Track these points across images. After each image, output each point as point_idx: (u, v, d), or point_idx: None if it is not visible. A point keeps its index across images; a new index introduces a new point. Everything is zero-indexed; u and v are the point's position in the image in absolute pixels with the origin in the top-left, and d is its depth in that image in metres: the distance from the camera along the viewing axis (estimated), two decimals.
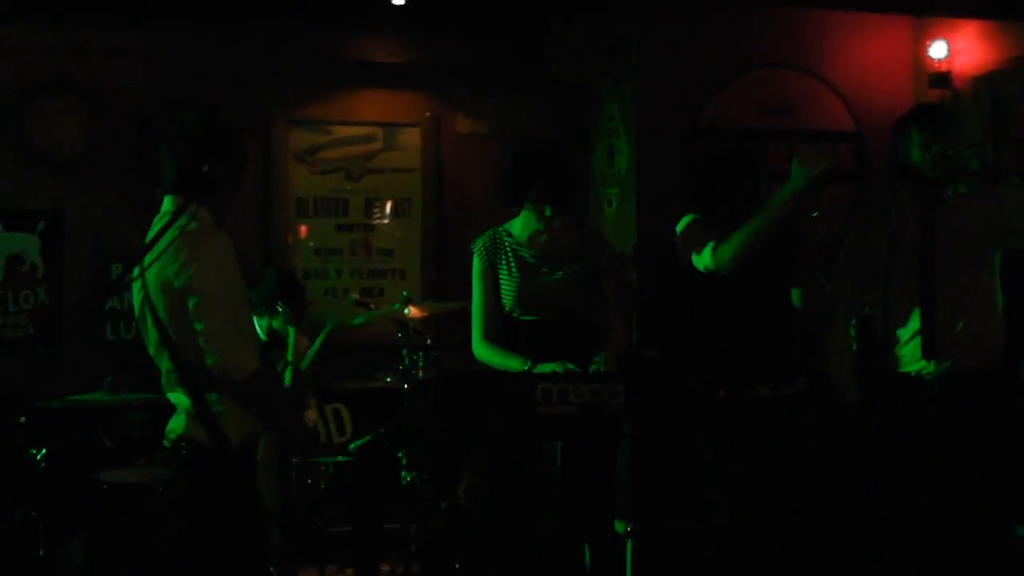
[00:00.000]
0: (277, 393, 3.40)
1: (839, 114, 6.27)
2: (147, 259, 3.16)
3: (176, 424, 3.35)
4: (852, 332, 4.20)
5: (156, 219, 3.36)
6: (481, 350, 4.30)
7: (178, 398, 3.32)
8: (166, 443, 3.40)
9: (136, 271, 3.27)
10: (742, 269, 4.12)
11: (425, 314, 5.38)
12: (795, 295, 4.26)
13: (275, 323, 5.45)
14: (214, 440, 3.22)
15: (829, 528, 4.61)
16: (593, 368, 4.08)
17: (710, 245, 4.13)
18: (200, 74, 6.27)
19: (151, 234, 3.26)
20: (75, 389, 4.84)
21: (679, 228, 4.34)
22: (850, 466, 4.63)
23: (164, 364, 3.29)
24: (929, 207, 4.04)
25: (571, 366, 4.01)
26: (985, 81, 5.80)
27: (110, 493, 4.49)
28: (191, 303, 3.18)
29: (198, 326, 3.17)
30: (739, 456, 4.15)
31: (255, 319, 5.43)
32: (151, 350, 3.32)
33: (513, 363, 4.14)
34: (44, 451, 4.71)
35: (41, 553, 4.75)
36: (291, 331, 5.05)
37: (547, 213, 4.21)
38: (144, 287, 3.24)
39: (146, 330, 3.32)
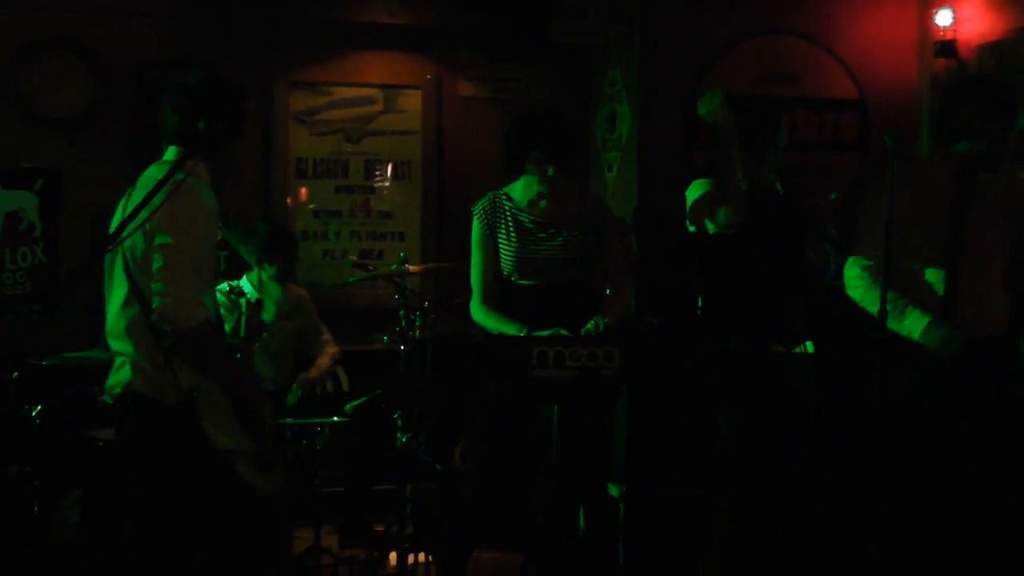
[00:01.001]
0: (219, 350, 3.36)
1: (843, 82, 6.23)
2: (143, 212, 3.14)
3: (121, 376, 3.33)
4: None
5: (155, 165, 3.36)
6: (479, 313, 4.30)
7: (124, 346, 3.31)
8: (108, 399, 3.40)
9: (131, 227, 3.25)
10: (752, 231, 4.11)
11: (420, 270, 5.39)
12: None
13: (264, 276, 5.47)
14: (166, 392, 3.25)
15: (839, 491, 4.61)
16: (585, 331, 4.07)
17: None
18: (201, 35, 6.24)
19: (145, 183, 3.26)
20: (71, 346, 4.83)
21: (689, 195, 4.31)
22: (857, 431, 4.61)
23: (116, 312, 3.30)
24: (967, 181, 3.99)
25: (564, 332, 4.00)
26: (991, 50, 5.76)
27: (105, 450, 4.50)
28: (157, 240, 3.17)
29: (156, 263, 3.17)
30: (753, 416, 4.15)
31: (248, 275, 5.44)
32: (113, 301, 3.32)
33: (509, 329, 4.14)
34: (39, 408, 4.72)
35: (36, 510, 4.76)
36: (275, 287, 5.08)
37: (550, 173, 4.18)
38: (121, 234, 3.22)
39: (111, 281, 3.33)
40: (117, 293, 3.33)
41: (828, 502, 4.61)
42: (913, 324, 3.88)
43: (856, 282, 4.04)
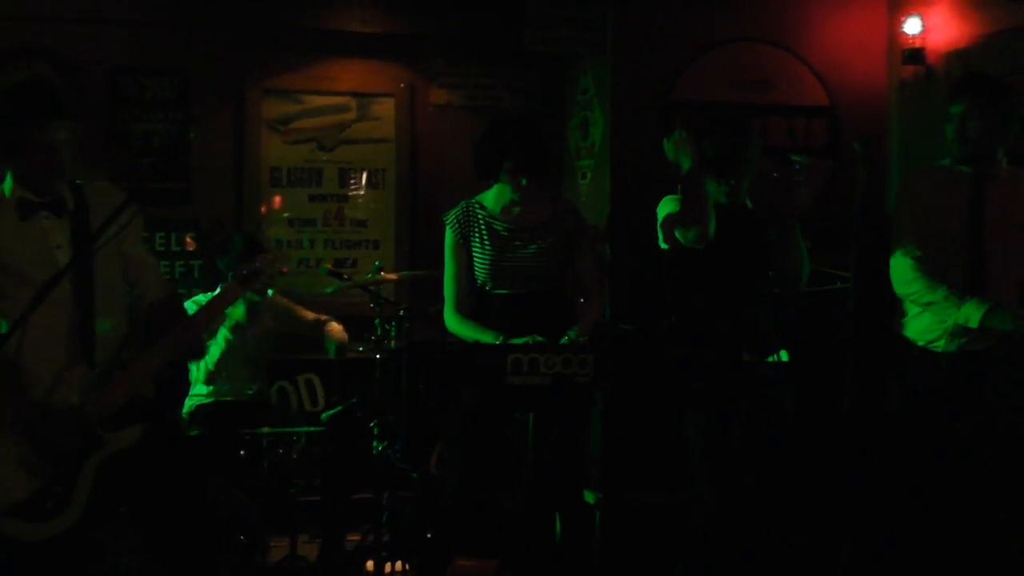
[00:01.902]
0: None
1: (813, 89, 6.27)
2: None
3: None
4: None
5: None
6: (453, 323, 4.31)
7: None
8: None
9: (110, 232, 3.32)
10: (722, 245, 4.13)
11: (395, 277, 5.40)
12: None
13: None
14: None
15: (818, 501, 4.64)
16: (564, 341, 4.09)
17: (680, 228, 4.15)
18: (173, 43, 6.23)
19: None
20: None
21: (661, 212, 4.33)
22: (832, 442, 4.65)
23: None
24: (980, 182, 4.03)
25: (540, 339, 4.02)
26: (959, 58, 5.81)
27: None
28: None
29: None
30: (724, 424, 4.17)
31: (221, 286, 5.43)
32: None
33: (485, 337, 4.15)
34: None
35: None
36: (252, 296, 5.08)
37: (523, 183, 4.20)
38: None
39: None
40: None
41: (800, 506, 4.64)
42: (972, 311, 3.84)
43: (909, 274, 3.99)
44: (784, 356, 4.32)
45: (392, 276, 5.33)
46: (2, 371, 3.35)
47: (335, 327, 5.46)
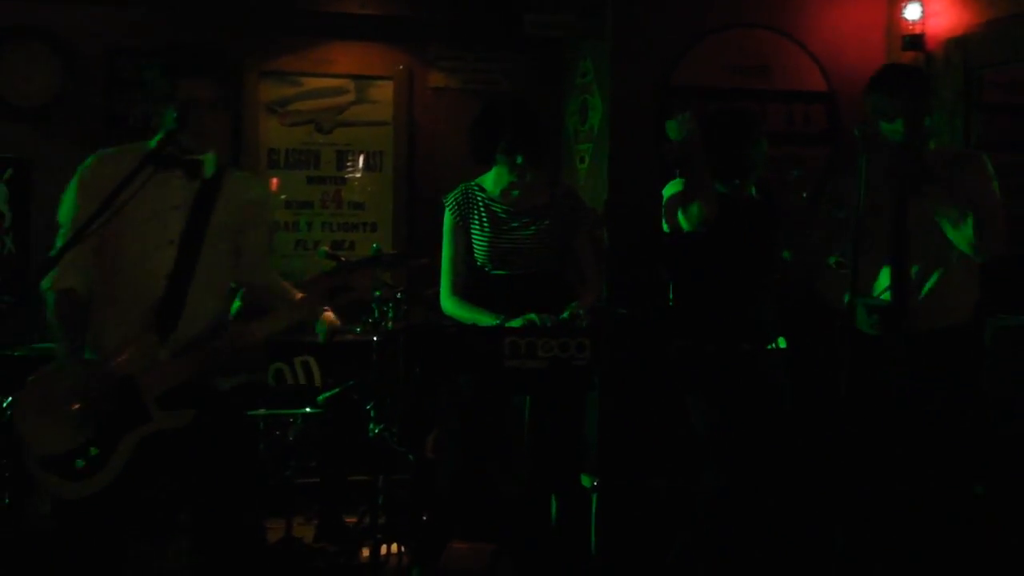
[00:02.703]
0: None
1: (812, 74, 6.26)
2: None
3: None
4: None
5: None
6: (449, 305, 4.31)
7: None
8: None
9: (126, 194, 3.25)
10: (724, 232, 4.14)
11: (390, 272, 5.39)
12: (786, 254, 4.31)
13: None
14: None
15: (804, 485, 4.67)
16: (564, 315, 4.09)
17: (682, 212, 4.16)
18: (171, 23, 6.20)
19: None
20: (42, 337, 4.81)
21: (666, 193, 4.33)
22: (821, 426, 4.68)
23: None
24: (905, 169, 4.06)
25: (535, 317, 4.02)
26: (958, 44, 5.81)
27: None
28: None
29: None
30: (726, 412, 4.18)
31: None
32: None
33: (483, 318, 4.15)
34: (10, 400, 4.69)
35: (7, 502, 4.74)
36: None
37: (519, 162, 4.19)
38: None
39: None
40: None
41: (797, 490, 4.66)
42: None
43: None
44: (782, 343, 4.33)
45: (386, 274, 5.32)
46: (70, 317, 3.37)
47: (327, 312, 5.45)
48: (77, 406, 3.27)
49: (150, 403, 3.32)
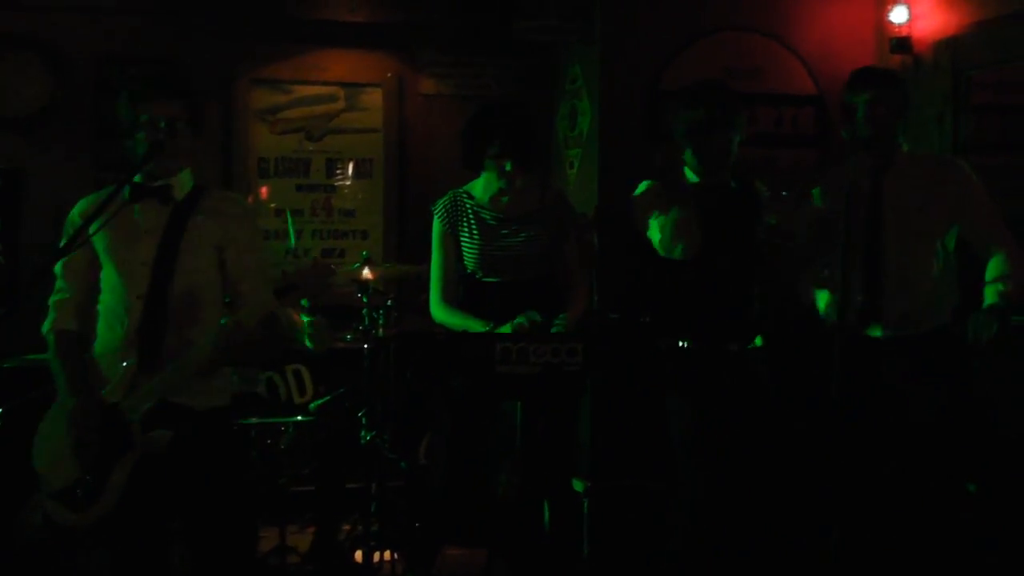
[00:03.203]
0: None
1: (801, 78, 6.28)
2: None
3: None
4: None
5: None
6: (439, 312, 4.30)
7: None
8: None
9: (94, 227, 3.35)
10: (708, 229, 4.14)
11: (379, 275, 5.38)
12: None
13: None
14: None
15: (789, 483, 4.67)
16: (553, 330, 4.10)
17: (655, 225, 4.15)
18: (161, 31, 6.20)
19: None
20: (33, 348, 4.80)
21: (635, 194, 4.34)
22: (807, 427, 4.69)
23: None
24: (879, 168, 4.11)
25: (526, 319, 4.02)
26: (946, 47, 5.82)
27: None
28: None
29: None
30: (708, 411, 4.18)
31: None
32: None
33: (474, 325, 4.14)
34: (1, 411, 4.69)
35: None
36: None
37: (508, 168, 4.18)
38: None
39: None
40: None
41: (788, 490, 4.66)
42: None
43: None
44: (759, 342, 4.33)
45: (373, 275, 5.31)
46: (69, 356, 3.49)
47: (295, 315, 5.45)
48: (74, 439, 3.38)
49: (134, 428, 3.39)
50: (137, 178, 3.52)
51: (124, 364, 3.42)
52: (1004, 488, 4.57)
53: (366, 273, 5.09)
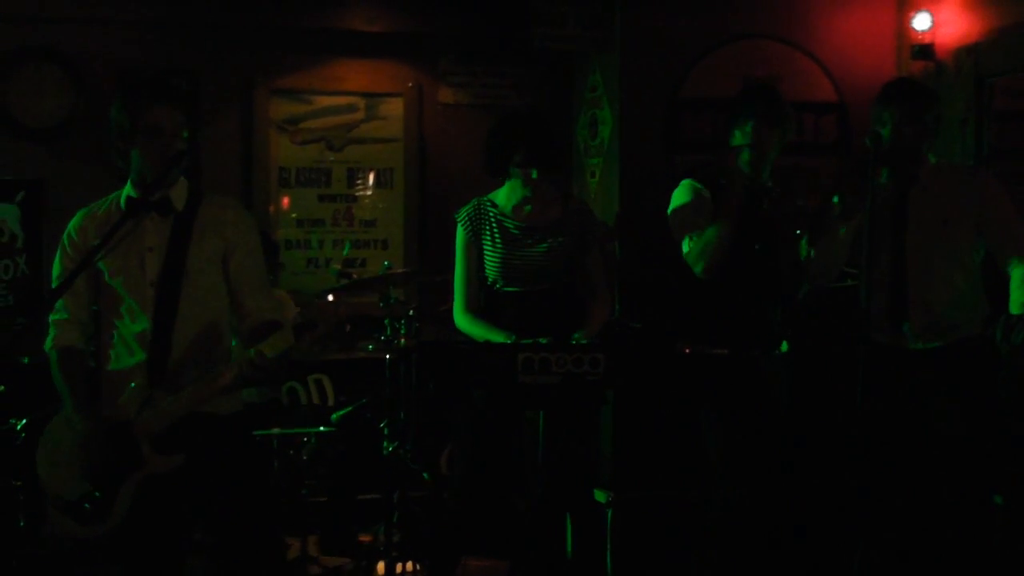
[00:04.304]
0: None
1: (822, 85, 6.25)
2: None
3: None
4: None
5: None
6: (463, 321, 4.29)
7: None
8: None
9: (99, 255, 3.39)
10: (744, 230, 4.13)
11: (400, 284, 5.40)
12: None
13: None
14: None
15: (816, 491, 4.65)
16: (573, 342, 4.08)
17: (685, 240, 4.15)
18: (181, 43, 6.22)
19: None
20: None
21: (671, 206, 4.32)
22: (828, 433, 4.67)
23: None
24: (904, 183, 4.08)
25: (544, 342, 4.00)
26: (969, 53, 5.79)
27: None
28: None
29: None
30: (738, 424, 4.16)
31: None
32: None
33: (496, 336, 4.13)
34: (24, 422, 4.70)
35: (21, 524, 4.74)
36: None
37: (534, 176, 4.17)
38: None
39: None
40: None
41: (816, 501, 4.64)
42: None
43: None
44: (784, 347, 4.32)
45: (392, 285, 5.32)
46: (73, 374, 3.47)
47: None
48: (81, 457, 3.38)
49: (144, 447, 3.37)
50: (130, 190, 3.50)
51: (133, 384, 3.41)
52: None
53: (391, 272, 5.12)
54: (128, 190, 3.52)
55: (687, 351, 4.23)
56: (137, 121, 3.41)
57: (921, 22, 5.95)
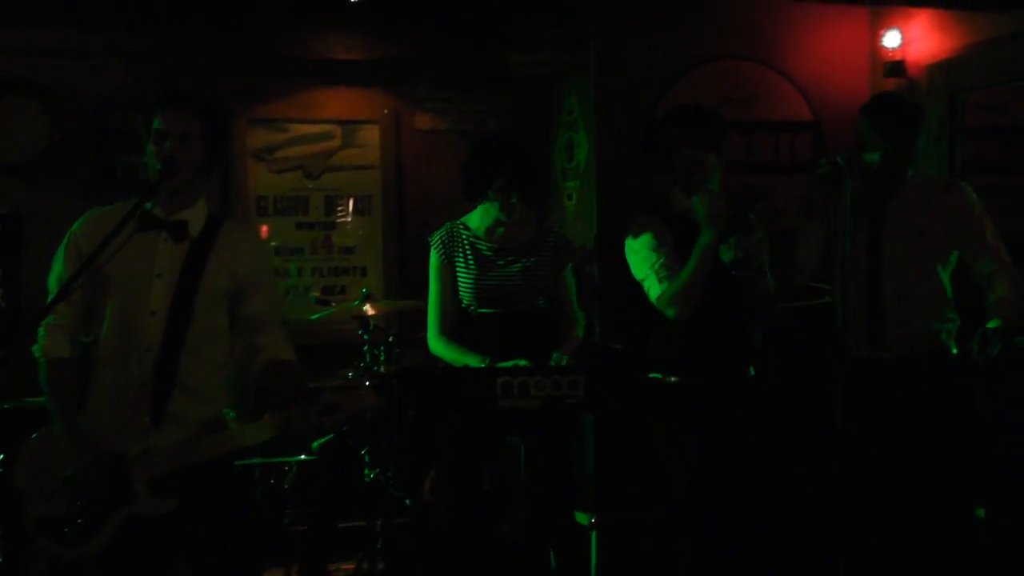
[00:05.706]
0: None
1: (797, 104, 6.30)
2: None
3: None
4: None
5: None
6: (437, 345, 4.27)
7: None
8: None
9: (104, 256, 3.24)
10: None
11: (381, 311, 5.38)
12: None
13: None
14: None
15: (790, 513, 4.64)
16: (552, 364, 4.07)
17: (652, 285, 4.12)
18: (157, 74, 6.22)
19: None
20: (32, 392, 4.79)
21: (629, 252, 4.28)
22: (807, 451, 4.67)
23: None
24: (882, 198, 4.11)
25: (524, 363, 3.98)
26: (940, 69, 5.84)
27: None
28: None
29: None
30: (699, 440, 4.14)
31: None
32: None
33: (471, 360, 4.12)
34: (1, 457, 4.67)
35: (1, 560, 4.70)
36: None
37: (513, 201, 4.17)
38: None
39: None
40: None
41: (794, 522, 4.63)
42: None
43: None
44: (751, 372, 4.30)
45: (375, 311, 5.31)
46: (62, 386, 3.37)
47: None
48: (69, 477, 3.28)
49: (139, 486, 3.29)
50: (149, 205, 3.36)
51: (136, 416, 3.31)
52: (1013, 513, 4.54)
53: (367, 309, 5.09)
54: (137, 201, 3.36)
55: (650, 382, 4.19)
56: (147, 127, 3.34)
57: (891, 39, 6.00)
